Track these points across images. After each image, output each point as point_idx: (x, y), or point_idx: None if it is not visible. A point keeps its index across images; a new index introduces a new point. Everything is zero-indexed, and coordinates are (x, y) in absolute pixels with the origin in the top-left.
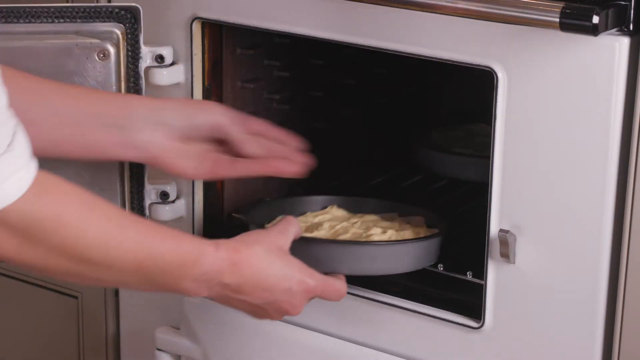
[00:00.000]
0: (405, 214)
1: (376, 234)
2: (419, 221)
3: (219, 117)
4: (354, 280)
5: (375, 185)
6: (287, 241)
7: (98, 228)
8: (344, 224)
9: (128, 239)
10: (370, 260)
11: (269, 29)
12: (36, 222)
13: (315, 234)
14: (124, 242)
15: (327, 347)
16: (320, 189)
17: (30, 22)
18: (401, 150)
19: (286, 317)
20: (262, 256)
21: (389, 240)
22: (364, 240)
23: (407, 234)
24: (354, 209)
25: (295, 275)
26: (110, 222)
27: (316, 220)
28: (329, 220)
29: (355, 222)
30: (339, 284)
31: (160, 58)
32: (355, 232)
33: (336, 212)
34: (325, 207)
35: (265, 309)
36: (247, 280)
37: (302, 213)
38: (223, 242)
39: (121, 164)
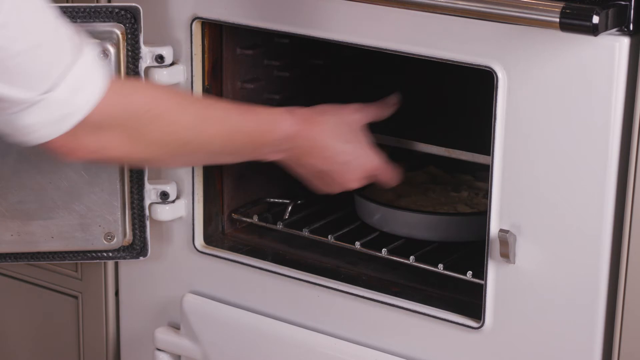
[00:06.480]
0: None
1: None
2: None
3: None
4: (353, 281)
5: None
6: (361, 118)
7: (187, 111)
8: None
9: (214, 117)
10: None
11: (269, 29)
12: (133, 117)
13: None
14: (211, 120)
15: (327, 347)
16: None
17: None
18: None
19: (287, 316)
20: (331, 126)
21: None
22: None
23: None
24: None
25: (356, 151)
26: (194, 104)
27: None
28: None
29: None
30: (395, 171)
31: (160, 58)
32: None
33: (433, 170)
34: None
35: (328, 175)
36: (314, 145)
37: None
38: (298, 111)
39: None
